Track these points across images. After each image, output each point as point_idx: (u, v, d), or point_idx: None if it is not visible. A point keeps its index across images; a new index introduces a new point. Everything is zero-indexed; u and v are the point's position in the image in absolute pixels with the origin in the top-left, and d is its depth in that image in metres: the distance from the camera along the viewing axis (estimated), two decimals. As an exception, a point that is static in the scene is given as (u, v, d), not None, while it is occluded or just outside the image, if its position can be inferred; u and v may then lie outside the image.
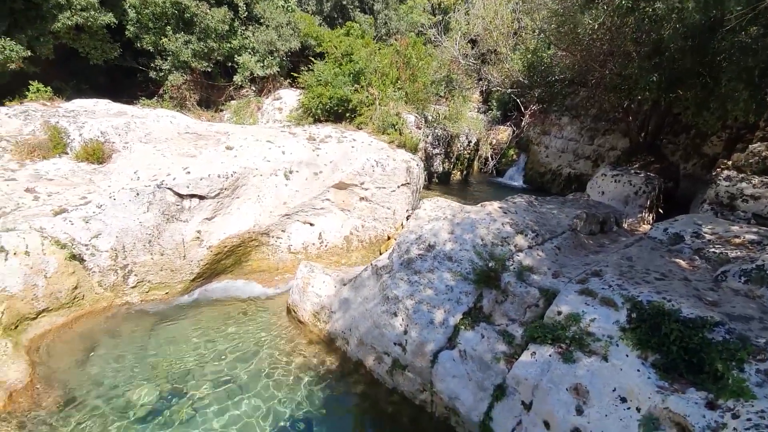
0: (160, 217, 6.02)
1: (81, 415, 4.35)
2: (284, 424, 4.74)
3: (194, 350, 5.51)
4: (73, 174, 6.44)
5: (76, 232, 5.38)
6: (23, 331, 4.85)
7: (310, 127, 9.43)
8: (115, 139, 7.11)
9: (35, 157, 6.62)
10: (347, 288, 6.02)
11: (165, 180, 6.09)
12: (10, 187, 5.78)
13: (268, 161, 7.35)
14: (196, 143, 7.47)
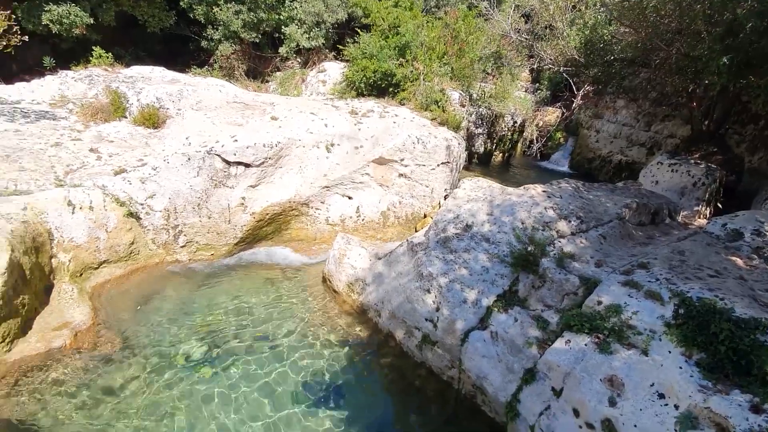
0: (209, 182, 6.31)
1: (134, 359, 4.76)
2: (314, 385, 4.98)
3: (235, 309, 5.84)
4: (131, 137, 6.83)
5: (133, 192, 5.75)
6: (87, 279, 5.32)
7: (353, 101, 9.42)
8: (169, 106, 7.44)
9: (98, 120, 7.06)
10: (382, 262, 6.11)
11: (214, 147, 6.33)
12: (77, 146, 6.22)
13: (311, 133, 7.45)
14: (243, 112, 7.68)
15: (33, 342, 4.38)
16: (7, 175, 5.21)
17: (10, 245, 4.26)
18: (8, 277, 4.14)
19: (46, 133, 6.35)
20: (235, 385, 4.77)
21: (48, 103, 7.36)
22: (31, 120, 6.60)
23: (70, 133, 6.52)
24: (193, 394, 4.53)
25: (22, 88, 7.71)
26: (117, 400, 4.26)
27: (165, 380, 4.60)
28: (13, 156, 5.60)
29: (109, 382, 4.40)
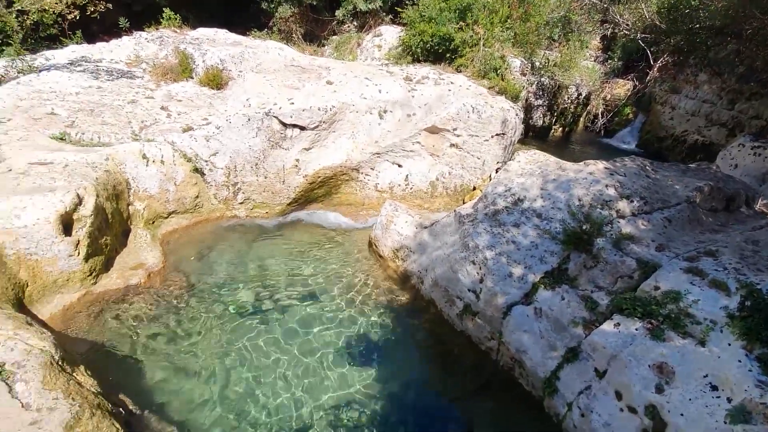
0: (266, 143, 6.57)
1: (196, 300, 5.26)
2: (356, 342, 5.24)
3: (285, 265, 6.20)
4: (197, 97, 7.20)
5: (199, 149, 6.14)
6: (158, 226, 5.85)
7: (408, 66, 9.22)
8: (231, 68, 7.71)
9: (168, 80, 7.49)
10: (427, 231, 6.15)
11: (272, 109, 6.54)
12: (150, 104, 6.68)
13: (365, 98, 7.45)
14: (300, 76, 7.79)
15: (114, 278, 4.96)
16: (91, 128, 5.73)
17: (96, 191, 4.76)
18: (94, 219, 4.65)
19: (124, 91, 6.85)
20: (281, 333, 5.15)
21: (125, 63, 7.89)
22: (111, 78, 7.14)
23: (143, 92, 6.99)
24: (243, 337, 4.96)
25: (102, 47, 8.29)
26: (180, 333, 4.79)
27: (220, 322, 5.06)
28: (96, 110, 6.13)
29: (174, 318, 4.92)
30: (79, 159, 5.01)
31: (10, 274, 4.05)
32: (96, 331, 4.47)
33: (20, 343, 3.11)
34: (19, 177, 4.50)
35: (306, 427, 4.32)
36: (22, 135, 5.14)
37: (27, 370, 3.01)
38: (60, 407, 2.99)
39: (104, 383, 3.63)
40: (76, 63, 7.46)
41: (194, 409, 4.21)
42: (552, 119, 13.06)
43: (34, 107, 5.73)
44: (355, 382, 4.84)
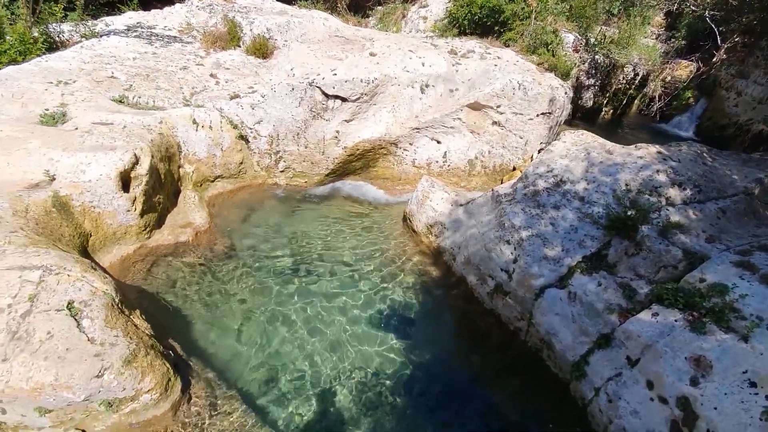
0: (308, 113, 6.68)
1: (237, 261, 5.57)
2: (385, 312, 5.39)
3: (321, 233, 6.39)
4: (244, 65, 7.36)
5: (244, 116, 6.33)
6: (205, 189, 6.17)
7: (454, 40, 8.96)
8: (277, 37, 7.79)
9: (217, 47, 7.69)
10: (463, 209, 6.12)
11: (315, 79, 6.60)
12: (200, 71, 6.91)
13: (407, 72, 7.35)
14: (344, 47, 7.77)
15: (165, 234, 5.32)
16: (147, 92, 6.03)
17: (151, 152, 5.06)
18: (149, 178, 4.97)
19: (176, 57, 7.11)
20: (315, 298, 5.38)
21: (177, 30, 8.15)
22: (164, 44, 7.42)
23: (194, 59, 7.23)
24: (277, 298, 5.23)
25: (156, 14, 8.58)
26: (222, 290, 5.13)
27: (258, 282, 5.36)
28: (151, 75, 6.43)
29: (218, 275, 5.26)
30: (136, 121, 5.32)
31: (76, 224, 4.44)
32: (148, 281, 4.86)
33: (86, 285, 3.45)
34: (84, 135, 4.85)
35: (332, 385, 4.57)
36: (86, 96, 5.50)
37: (92, 309, 3.35)
38: (120, 344, 3.32)
39: (155, 328, 3.96)
40: (133, 29, 7.78)
41: (231, 359, 4.54)
42: (603, 100, 12.35)
43: (96, 70, 6.09)
44: (382, 349, 5.02)
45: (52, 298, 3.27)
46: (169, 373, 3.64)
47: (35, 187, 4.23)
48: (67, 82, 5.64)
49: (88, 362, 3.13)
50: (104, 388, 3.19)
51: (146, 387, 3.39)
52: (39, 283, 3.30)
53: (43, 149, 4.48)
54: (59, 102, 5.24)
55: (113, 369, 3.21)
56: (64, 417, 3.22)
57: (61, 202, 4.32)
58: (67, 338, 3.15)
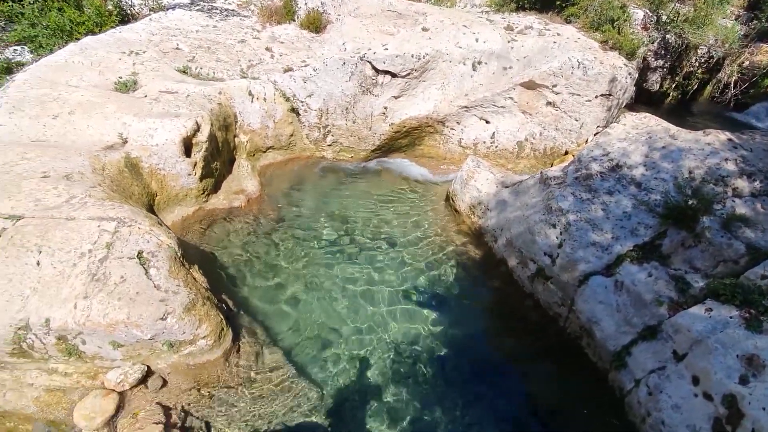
0: (358, 88, 6.75)
1: (284, 228, 5.86)
2: (423, 288, 5.49)
3: (364, 207, 6.54)
4: (297, 39, 7.51)
5: (296, 90, 6.51)
6: (257, 159, 6.47)
7: (511, 15, 8.58)
8: (331, 11, 7.83)
9: (272, 21, 7.87)
10: (509, 190, 6.02)
11: (366, 54, 6.63)
12: (256, 44, 7.14)
13: (460, 48, 7.18)
14: (396, 21, 7.69)
15: (221, 199, 5.68)
16: (208, 64, 6.35)
17: (211, 120, 5.37)
18: (208, 145, 5.29)
19: (234, 31, 7.38)
20: (355, 268, 5.56)
21: (236, 3, 8.41)
22: (224, 18, 7.70)
23: (251, 32, 7.47)
24: (320, 266, 5.48)
25: (216, -12, 8.85)
26: (269, 253, 5.47)
27: (302, 250, 5.63)
28: (212, 48, 6.73)
29: (266, 240, 5.59)
30: (198, 91, 5.64)
31: (144, 184, 4.85)
32: (205, 241, 5.24)
33: (154, 238, 3.79)
34: (152, 102, 5.22)
35: (367, 352, 4.76)
36: (154, 66, 5.88)
37: (158, 260, 3.70)
38: (181, 292, 3.66)
39: (210, 283, 4.30)
40: (195, 2, 8.12)
41: (276, 318, 4.86)
42: (671, 84, 11.41)
43: (163, 42, 6.47)
44: (418, 323, 5.14)
45: (125, 247, 3.64)
46: (222, 323, 3.97)
47: (110, 148, 4.64)
48: (138, 53, 6.05)
49: (154, 306, 3.49)
50: (167, 330, 3.55)
51: (202, 333, 3.72)
52: (114, 233, 3.68)
53: (117, 114, 4.89)
54: (131, 71, 5.65)
55: (175, 314, 3.55)
56: (133, 352, 3.62)
57: (132, 163, 4.73)
58: (137, 283, 3.51)
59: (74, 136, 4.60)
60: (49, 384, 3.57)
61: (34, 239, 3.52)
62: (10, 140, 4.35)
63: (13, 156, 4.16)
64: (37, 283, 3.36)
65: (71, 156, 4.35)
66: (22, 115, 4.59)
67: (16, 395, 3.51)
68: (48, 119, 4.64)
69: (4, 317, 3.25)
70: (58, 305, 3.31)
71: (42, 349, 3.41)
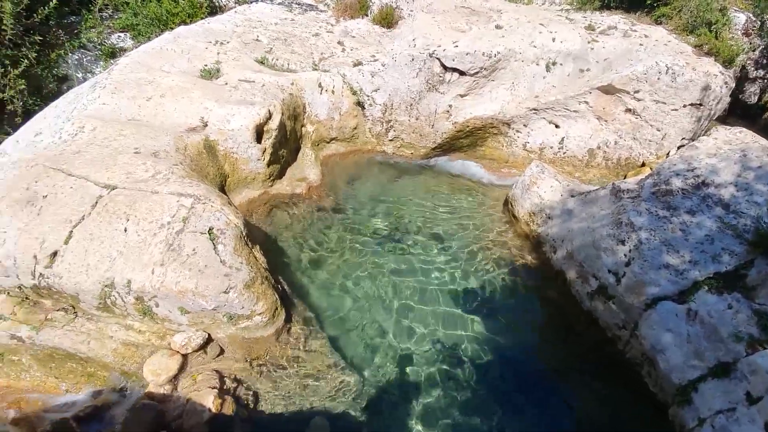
0: (424, 85, 6.72)
1: (341, 218, 6.02)
2: (472, 292, 5.41)
3: (420, 204, 6.54)
4: (369, 34, 7.62)
5: (364, 84, 6.63)
6: (321, 149, 6.70)
7: (594, 14, 8.07)
8: (404, 6, 7.85)
9: (346, 16, 8.05)
10: (575, 200, 5.72)
11: (436, 50, 6.57)
12: (329, 38, 7.35)
13: (534, 47, 6.88)
14: (468, 18, 7.53)
15: (284, 185, 5.97)
16: (283, 56, 6.65)
17: (282, 110, 5.64)
18: (278, 133, 5.57)
19: (310, 24, 7.65)
20: (405, 263, 5.59)
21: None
22: (301, 11, 8.01)
23: (325, 26, 7.70)
24: (372, 258, 5.57)
25: (297, -18, 9.21)
26: (325, 240, 5.67)
27: (356, 240, 5.76)
28: (288, 40, 7.04)
29: (323, 228, 5.82)
30: (272, 81, 5.93)
31: (218, 165, 5.22)
32: (267, 223, 5.54)
33: (223, 216, 4.08)
34: (231, 90, 5.58)
35: (410, 349, 4.79)
36: (235, 56, 6.27)
37: (226, 237, 3.97)
38: (243, 269, 3.91)
39: (268, 263, 4.54)
40: (276, -4, 8.51)
41: (325, 305, 5.04)
42: (776, 96, 10.11)
43: (245, 33, 6.87)
44: (465, 326, 5.07)
45: (199, 223, 3.95)
46: (276, 303, 4.19)
47: (193, 130, 5.04)
48: (222, 43, 6.48)
49: (219, 279, 3.76)
50: (228, 303, 3.82)
51: (259, 310, 3.96)
52: (190, 208, 4.00)
53: (201, 99, 5.29)
54: (215, 59, 6.07)
55: (237, 289, 3.81)
56: (197, 320, 3.94)
57: (210, 145, 5.10)
58: (206, 257, 3.81)
59: (163, 118, 5.05)
60: (126, 338, 3.99)
61: (123, 208, 3.93)
62: (111, 118, 4.87)
63: (112, 132, 4.67)
64: (123, 247, 3.76)
65: (159, 135, 4.79)
66: (122, 95, 5.12)
67: (98, 345, 3.97)
68: (143, 100, 5.14)
69: (94, 274, 3.68)
70: (138, 269, 3.67)
71: (122, 307, 3.82)
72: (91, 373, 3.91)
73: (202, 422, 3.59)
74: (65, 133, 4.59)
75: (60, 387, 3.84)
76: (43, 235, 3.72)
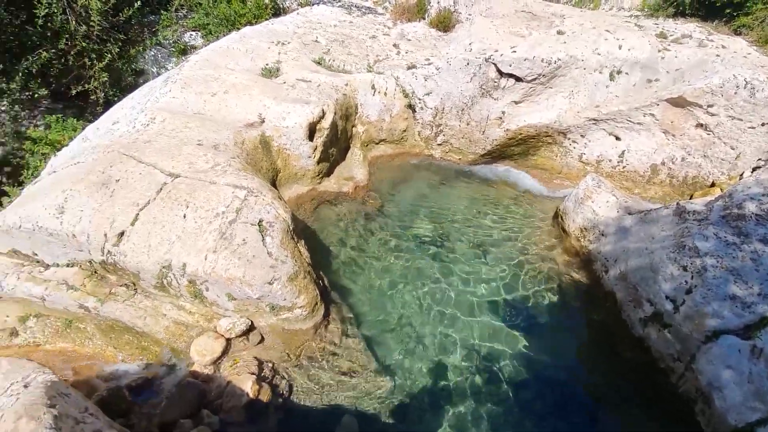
0: (477, 90, 6.61)
1: (384, 219, 6.06)
2: (511, 303, 5.26)
3: (465, 212, 6.44)
4: (424, 38, 7.62)
5: (416, 87, 6.64)
6: (369, 150, 6.79)
7: (666, 21, 7.55)
8: (462, 10, 7.77)
9: (403, 19, 8.10)
10: (633, 218, 5.39)
11: (493, 55, 6.44)
12: (385, 40, 7.44)
13: (598, 54, 6.56)
14: (529, 23, 7.32)
15: (332, 183, 6.11)
16: (340, 57, 6.81)
17: (334, 109, 5.78)
18: (329, 132, 5.72)
19: (367, 26, 7.78)
20: (445, 269, 5.52)
21: (372, 1, 8.84)
22: (360, 14, 8.16)
23: (382, 29, 7.79)
24: (413, 261, 5.54)
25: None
26: (367, 240, 5.72)
27: (398, 244, 5.76)
28: (345, 42, 7.20)
29: (366, 228, 5.88)
30: (328, 81, 6.09)
31: (272, 161, 5.44)
32: (312, 219, 5.70)
33: (273, 210, 4.25)
34: (289, 89, 5.80)
35: (445, 357, 4.72)
36: (295, 56, 6.51)
37: (274, 230, 4.14)
38: (288, 262, 4.05)
39: (312, 258, 4.66)
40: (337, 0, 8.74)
41: (363, 304, 5.08)
42: None
43: (305, 34, 7.11)
44: (503, 340, 4.94)
45: (250, 214, 4.14)
46: (316, 298, 4.30)
47: (251, 126, 5.29)
48: (284, 43, 6.75)
49: (265, 270, 3.92)
50: (271, 294, 3.97)
51: (300, 303, 4.08)
52: (244, 200, 4.21)
53: (260, 96, 5.54)
54: (276, 59, 6.34)
55: (280, 281, 3.95)
56: (242, 307, 4.13)
57: (265, 140, 5.33)
58: (254, 248, 3.98)
59: (225, 113, 5.35)
60: (177, 318, 4.26)
61: (184, 195, 4.20)
62: (179, 111, 5.23)
63: (179, 124, 5.00)
64: (182, 232, 4.02)
65: (220, 129, 5.07)
66: (190, 90, 5.48)
67: (153, 321, 4.27)
68: (208, 96, 5.47)
69: (154, 255, 3.96)
70: (193, 254, 3.91)
71: (176, 288, 4.08)
72: (144, 346, 4.22)
73: (240, 406, 3.76)
74: (138, 123, 4.98)
75: (117, 356, 4.18)
76: (114, 216, 4.06)
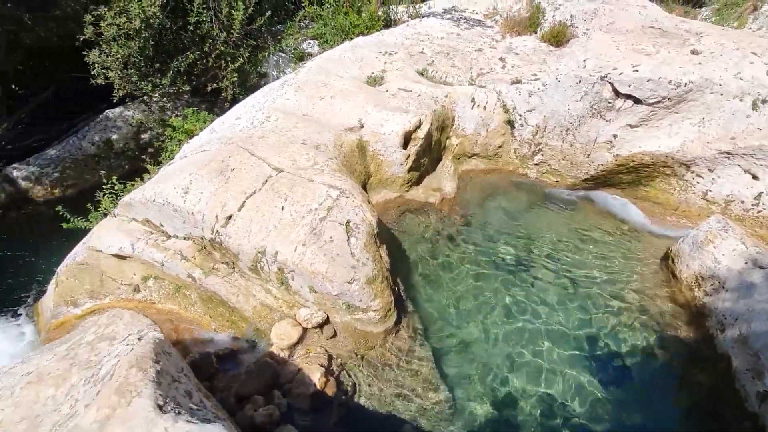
0: (587, 110, 6.15)
1: (468, 236, 5.90)
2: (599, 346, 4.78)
3: (556, 239, 6.01)
4: (534, 52, 7.31)
5: (518, 102, 6.39)
6: (461, 162, 6.71)
7: (844, 43, 6.25)
8: (579, 25, 7.30)
9: (513, 33, 7.86)
10: (763, 272, 4.56)
11: (610, 74, 5.94)
12: (491, 54, 7.30)
13: (740, 79, 5.68)
14: (657, 40, 6.61)
15: (419, 192, 6.15)
16: (443, 69, 6.85)
17: (431, 120, 5.83)
18: (423, 142, 5.77)
19: (475, 39, 7.70)
20: (526, 298, 5.20)
21: (482, 14, 8.74)
22: (468, 27, 8.11)
23: (490, 42, 7.66)
24: (493, 285, 5.31)
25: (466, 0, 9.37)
26: (448, 255, 5.61)
27: (480, 263, 5.55)
28: (450, 54, 7.22)
29: (449, 242, 5.78)
30: (428, 92, 6.17)
31: (365, 165, 5.66)
32: (396, 226, 5.78)
33: (361, 212, 4.42)
34: (390, 97, 5.99)
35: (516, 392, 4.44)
36: (399, 66, 6.70)
37: (360, 232, 4.29)
38: (368, 265, 4.17)
39: (390, 264, 4.73)
40: (447, 12, 8.79)
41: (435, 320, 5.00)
42: None
43: (412, 45, 7.28)
44: (582, 382, 4.51)
45: (339, 214, 4.35)
46: (391, 304, 4.35)
47: (350, 130, 5.57)
48: (390, 53, 6.99)
49: (346, 269, 4.08)
50: (349, 293, 4.12)
51: (374, 306, 4.17)
52: (336, 199, 4.44)
53: (363, 103, 5.81)
54: (381, 68, 6.59)
55: (359, 282, 4.08)
56: (321, 301, 4.35)
57: (362, 145, 5.57)
58: (339, 246, 4.17)
59: (330, 116, 5.71)
60: (264, 300, 4.63)
61: (284, 189, 4.57)
62: (291, 111, 5.71)
63: (289, 123, 5.46)
64: (278, 222, 4.37)
65: (323, 131, 5.42)
66: (303, 94, 5.95)
67: (243, 299, 4.69)
68: (317, 100, 5.89)
69: (253, 240, 4.37)
70: (286, 244, 4.23)
71: (267, 273, 4.45)
72: (234, 321, 4.66)
73: (307, 394, 3.96)
74: (256, 120, 5.55)
75: (211, 325, 4.68)
76: (225, 201, 4.57)
